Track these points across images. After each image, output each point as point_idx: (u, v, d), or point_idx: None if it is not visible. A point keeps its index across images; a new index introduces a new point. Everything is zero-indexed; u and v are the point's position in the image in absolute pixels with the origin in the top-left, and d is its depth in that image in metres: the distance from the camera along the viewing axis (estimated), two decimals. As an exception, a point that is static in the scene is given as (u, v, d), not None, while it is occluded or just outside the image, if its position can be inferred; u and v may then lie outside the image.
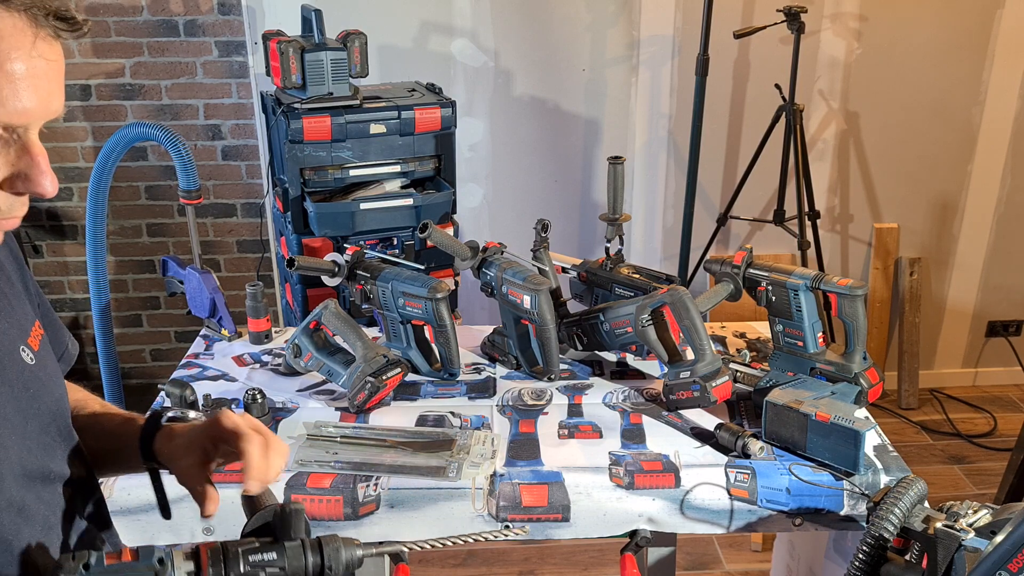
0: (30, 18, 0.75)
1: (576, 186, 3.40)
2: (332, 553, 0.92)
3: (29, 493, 0.92)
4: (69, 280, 3.47)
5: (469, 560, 2.80)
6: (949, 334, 3.71)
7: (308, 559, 0.91)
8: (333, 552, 0.93)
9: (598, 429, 1.72)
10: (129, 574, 0.84)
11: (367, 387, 1.73)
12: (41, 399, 0.97)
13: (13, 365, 0.94)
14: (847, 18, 3.21)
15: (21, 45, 0.74)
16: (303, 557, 0.91)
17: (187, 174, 2.38)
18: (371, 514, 1.53)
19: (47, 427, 0.97)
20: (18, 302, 1.01)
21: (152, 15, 3.11)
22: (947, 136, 3.40)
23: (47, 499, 0.96)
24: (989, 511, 1.30)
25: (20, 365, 0.94)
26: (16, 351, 0.95)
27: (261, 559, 0.90)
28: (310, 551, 0.92)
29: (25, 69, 0.75)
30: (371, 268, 1.95)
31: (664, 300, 1.75)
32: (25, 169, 0.79)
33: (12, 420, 0.91)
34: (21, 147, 0.79)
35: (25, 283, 1.04)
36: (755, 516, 1.55)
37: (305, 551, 0.92)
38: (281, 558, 0.90)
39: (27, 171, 0.79)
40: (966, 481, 3.18)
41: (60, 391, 1.03)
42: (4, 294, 0.98)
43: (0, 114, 0.75)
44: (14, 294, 1.01)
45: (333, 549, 0.93)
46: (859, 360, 1.74)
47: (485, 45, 3.17)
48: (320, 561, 0.92)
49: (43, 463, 0.96)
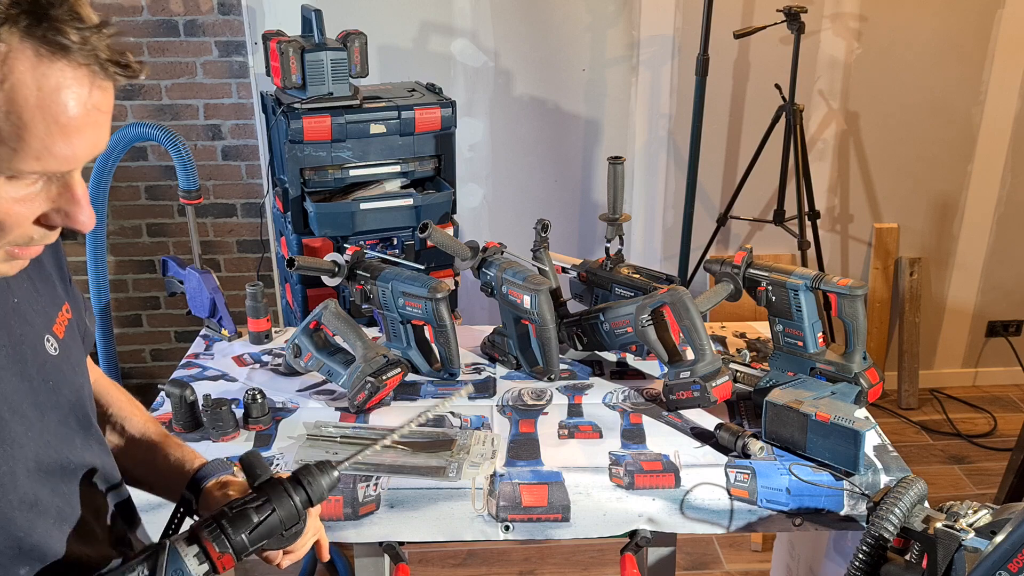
0: (90, 71, 0.73)
1: (576, 186, 3.40)
2: (312, 483, 1.00)
3: (43, 487, 0.92)
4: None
5: (469, 560, 2.80)
6: (949, 334, 3.71)
7: (294, 499, 0.98)
8: (313, 482, 1.00)
9: (598, 429, 1.72)
10: (134, 562, 0.91)
11: (367, 387, 1.73)
12: (61, 391, 0.96)
13: (36, 358, 0.93)
14: (847, 18, 3.21)
15: (78, 97, 0.73)
16: (289, 498, 0.98)
17: (187, 174, 2.38)
18: (371, 514, 1.53)
19: (66, 418, 0.97)
20: (46, 287, 0.99)
21: (152, 15, 3.11)
22: (947, 136, 3.40)
23: (63, 491, 0.96)
24: (989, 511, 1.30)
25: (43, 357, 0.94)
26: (40, 342, 0.94)
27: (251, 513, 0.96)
28: (292, 491, 0.99)
29: (79, 120, 0.74)
30: (371, 268, 1.95)
31: (664, 300, 1.75)
32: (65, 206, 0.79)
33: (28, 415, 0.90)
34: (63, 184, 0.78)
35: (59, 261, 1.03)
36: (755, 516, 1.55)
37: (288, 492, 0.98)
38: (268, 504, 0.97)
39: (67, 208, 0.79)
40: (966, 481, 3.18)
41: (82, 379, 1.02)
42: (32, 281, 0.96)
43: (49, 162, 0.74)
44: (43, 278, 0.99)
45: (311, 479, 1.00)
46: (859, 360, 1.74)
47: (485, 45, 3.17)
48: (306, 494, 0.99)
49: (61, 455, 0.95)
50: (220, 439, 1.68)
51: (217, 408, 1.68)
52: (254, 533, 0.95)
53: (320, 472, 1.01)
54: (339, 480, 1.03)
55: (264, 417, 1.72)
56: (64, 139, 0.73)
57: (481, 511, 1.54)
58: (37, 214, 0.78)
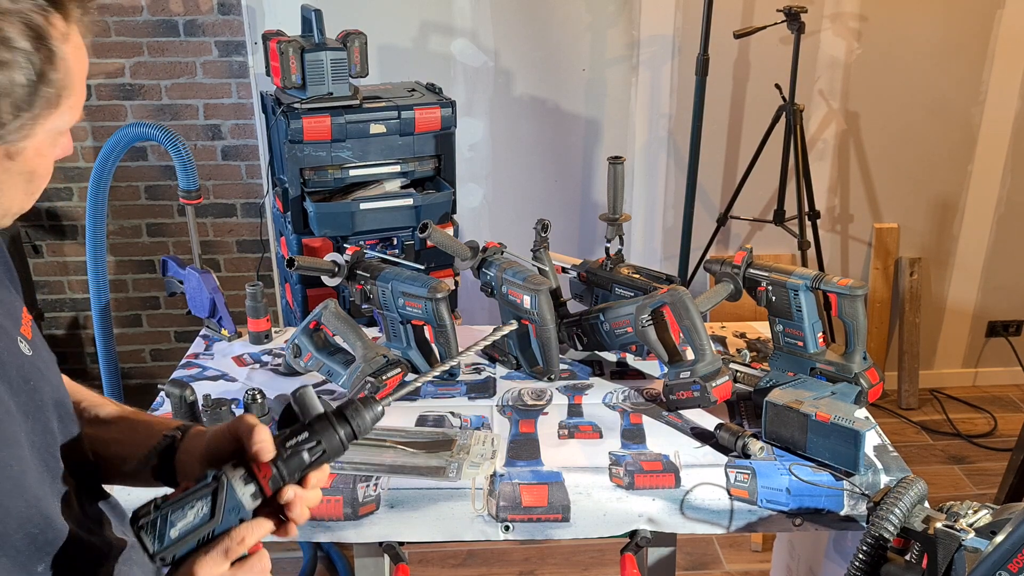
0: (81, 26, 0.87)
1: (576, 186, 3.40)
2: (356, 417, 1.00)
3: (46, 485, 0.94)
4: (69, 280, 3.47)
5: (469, 560, 2.80)
6: (949, 334, 3.71)
7: (339, 433, 0.99)
8: (356, 416, 1.00)
9: (598, 429, 1.72)
10: (192, 498, 0.92)
11: (367, 387, 1.73)
12: (42, 391, 0.97)
13: (13, 360, 0.93)
14: (847, 18, 3.21)
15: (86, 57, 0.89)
16: (334, 432, 0.99)
17: (187, 174, 2.38)
18: (371, 514, 1.53)
19: (50, 417, 0.98)
20: (5, 290, 1.00)
21: (152, 15, 3.11)
22: (947, 136, 3.40)
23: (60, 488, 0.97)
24: (989, 511, 1.30)
25: (20, 359, 0.95)
26: (15, 345, 0.95)
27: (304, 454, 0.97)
28: (337, 425, 0.99)
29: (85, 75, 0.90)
30: (371, 268, 1.95)
31: (664, 300, 1.75)
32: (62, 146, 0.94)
33: (18, 417, 0.92)
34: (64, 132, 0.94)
35: (6, 264, 1.05)
36: (755, 516, 1.55)
37: (333, 426, 0.99)
38: (314, 436, 0.98)
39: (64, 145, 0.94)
40: (966, 481, 3.18)
41: (57, 379, 1.03)
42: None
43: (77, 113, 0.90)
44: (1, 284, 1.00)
45: (354, 412, 1.00)
46: (859, 360, 1.74)
47: (485, 45, 3.17)
48: (350, 429, 1.00)
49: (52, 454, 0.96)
50: (220, 439, 1.68)
51: (217, 408, 1.68)
52: (301, 471, 0.98)
53: (365, 407, 1.01)
54: (383, 414, 1.04)
55: (264, 417, 1.72)
56: (83, 92, 0.90)
57: (481, 511, 1.54)
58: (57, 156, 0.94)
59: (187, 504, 0.92)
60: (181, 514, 0.92)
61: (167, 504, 0.92)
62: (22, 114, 0.83)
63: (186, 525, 0.91)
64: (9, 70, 0.80)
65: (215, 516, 0.92)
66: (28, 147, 0.87)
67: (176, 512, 0.91)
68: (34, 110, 0.84)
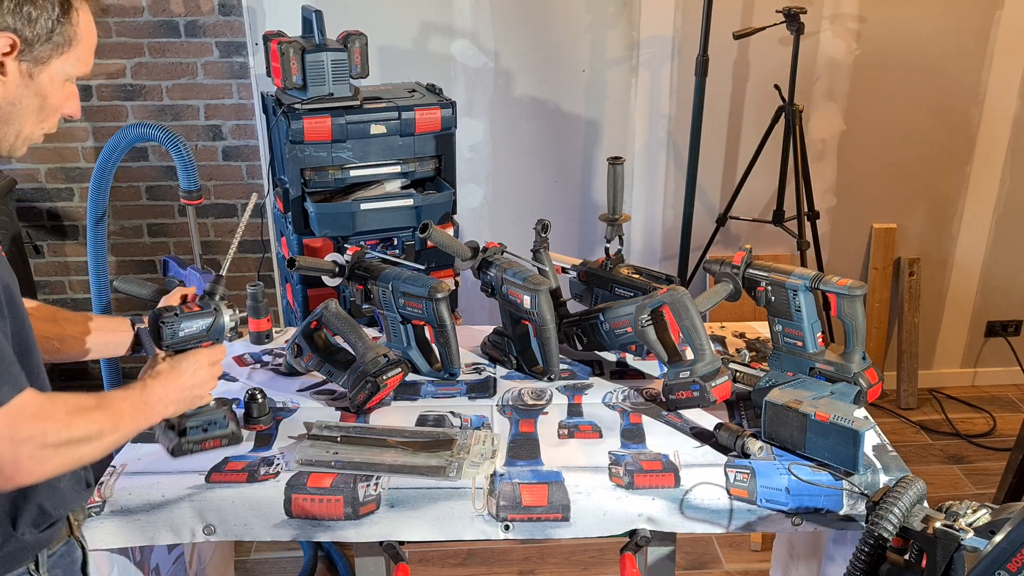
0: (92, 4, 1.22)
1: (576, 186, 3.40)
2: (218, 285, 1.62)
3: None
4: (69, 280, 3.48)
5: (469, 560, 2.80)
6: (948, 334, 3.71)
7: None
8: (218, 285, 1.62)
9: (598, 429, 1.73)
10: (199, 316, 1.49)
11: (367, 387, 1.73)
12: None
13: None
14: (846, 19, 3.22)
15: (94, 26, 1.23)
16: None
17: (188, 174, 2.39)
18: (371, 514, 1.54)
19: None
20: None
21: (153, 16, 3.12)
22: (947, 136, 3.40)
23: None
24: (988, 511, 1.30)
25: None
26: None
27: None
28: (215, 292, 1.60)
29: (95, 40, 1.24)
30: (371, 268, 1.95)
31: (664, 300, 1.76)
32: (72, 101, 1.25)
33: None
34: (72, 89, 1.24)
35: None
36: (755, 516, 1.55)
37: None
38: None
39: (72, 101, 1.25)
40: (965, 481, 3.18)
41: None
42: None
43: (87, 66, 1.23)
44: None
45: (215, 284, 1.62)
46: (858, 360, 1.75)
47: (485, 46, 3.18)
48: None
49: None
50: (221, 439, 1.69)
51: (218, 408, 1.68)
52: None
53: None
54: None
55: (264, 417, 1.73)
56: (92, 51, 1.23)
57: (481, 511, 1.54)
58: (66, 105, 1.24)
59: (196, 319, 1.48)
60: (189, 324, 1.48)
61: (183, 315, 1.46)
62: (44, 44, 1.15)
63: (190, 331, 1.47)
64: (42, 7, 1.13)
65: (209, 332, 1.49)
66: (43, 74, 1.17)
67: (187, 321, 1.47)
68: (52, 43, 1.15)
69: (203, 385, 1.47)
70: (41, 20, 1.12)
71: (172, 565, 1.75)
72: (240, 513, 1.54)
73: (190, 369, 1.43)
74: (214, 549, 1.98)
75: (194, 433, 1.59)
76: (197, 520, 1.54)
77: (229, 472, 1.59)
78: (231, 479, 1.57)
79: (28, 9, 1.11)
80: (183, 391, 1.42)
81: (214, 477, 1.57)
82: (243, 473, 1.58)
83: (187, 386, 1.42)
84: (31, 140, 1.22)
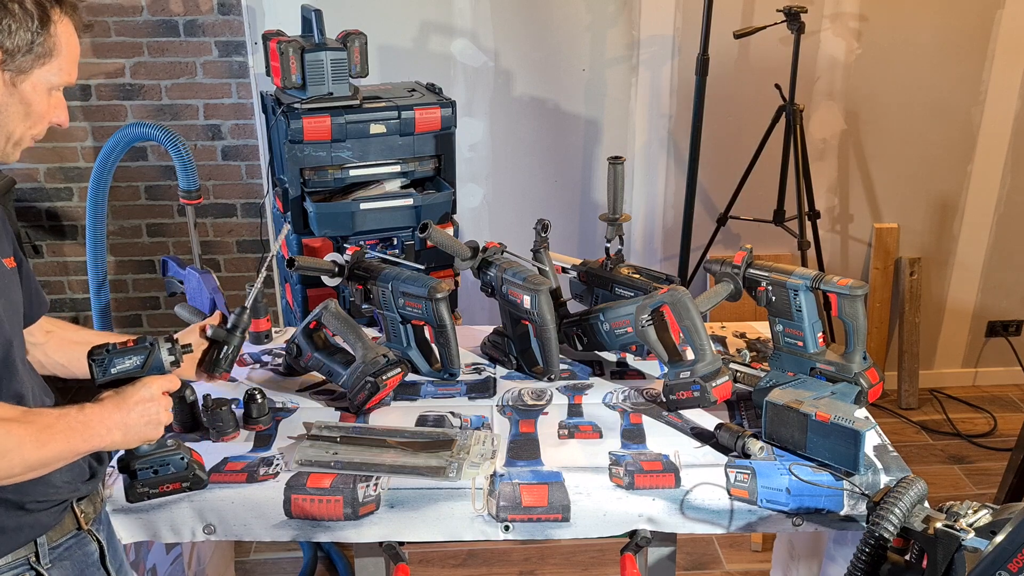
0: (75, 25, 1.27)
1: (576, 186, 3.40)
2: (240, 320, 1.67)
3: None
4: (69, 280, 3.47)
5: (469, 560, 2.80)
6: (949, 334, 3.71)
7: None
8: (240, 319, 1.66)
9: (598, 429, 1.72)
10: (133, 352, 1.39)
11: (367, 387, 1.73)
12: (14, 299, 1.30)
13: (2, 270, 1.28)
14: (847, 18, 3.21)
15: (77, 39, 1.27)
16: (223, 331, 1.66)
17: (187, 174, 2.38)
18: (371, 514, 1.53)
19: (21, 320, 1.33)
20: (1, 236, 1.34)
21: (152, 15, 3.11)
22: (947, 136, 3.40)
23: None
24: (989, 511, 1.30)
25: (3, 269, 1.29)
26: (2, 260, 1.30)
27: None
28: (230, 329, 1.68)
29: (78, 52, 1.28)
30: (371, 268, 1.95)
31: (664, 300, 1.75)
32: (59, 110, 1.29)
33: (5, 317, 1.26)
34: (59, 98, 1.29)
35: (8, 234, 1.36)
36: (755, 516, 1.55)
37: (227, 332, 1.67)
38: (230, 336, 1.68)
39: (59, 110, 1.29)
40: (966, 481, 3.18)
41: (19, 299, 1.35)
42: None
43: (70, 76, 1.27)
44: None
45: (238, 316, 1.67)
46: (859, 360, 1.74)
47: (485, 45, 3.17)
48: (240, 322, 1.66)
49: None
50: (220, 439, 1.68)
51: (217, 408, 1.68)
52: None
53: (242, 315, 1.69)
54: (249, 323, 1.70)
55: (264, 417, 1.72)
56: (74, 62, 1.28)
57: (481, 511, 1.54)
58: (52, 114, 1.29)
59: (128, 355, 1.39)
60: (121, 360, 1.38)
61: (116, 351, 1.38)
62: (25, 55, 1.20)
63: (123, 367, 1.38)
64: (20, 20, 1.18)
65: (144, 368, 1.39)
66: (26, 83, 1.22)
67: (119, 358, 1.38)
68: (32, 54, 1.21)
69: (150, 412, 1.36)
70: (20, 32, 1.18)
71: (170, 566, 1.75)
72: (240, 513, 1.54)
73: (136, 395, 1.35)
74: (214, 549, 1.97)
75: (144, 475, 1.46)
76: (197, 520, 1.54)
77: (229, 472, 1.59)
78: (231, 479, 1.57)
79: (8, 22, 1.17)
80: (128, 415, 1.33)
81: (214, 477, 1.57)
82: (242, 473, 1.58)
83: (132, 411, 1.34)
84: (22, 145, 1.27)
